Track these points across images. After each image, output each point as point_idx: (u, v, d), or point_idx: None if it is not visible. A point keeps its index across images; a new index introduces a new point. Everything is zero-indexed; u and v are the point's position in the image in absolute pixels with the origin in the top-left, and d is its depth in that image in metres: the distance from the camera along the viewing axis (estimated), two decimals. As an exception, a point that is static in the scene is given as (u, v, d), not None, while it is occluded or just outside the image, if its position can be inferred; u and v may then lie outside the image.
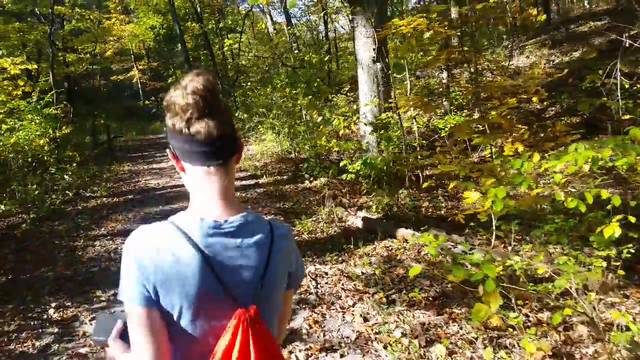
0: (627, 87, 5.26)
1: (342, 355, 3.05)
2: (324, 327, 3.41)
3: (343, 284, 4.10)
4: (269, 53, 20.50)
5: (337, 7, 23.35)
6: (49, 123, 9.76)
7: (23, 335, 3.57)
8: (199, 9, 20.83)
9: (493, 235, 4.62)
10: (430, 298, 3.72)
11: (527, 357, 2.79)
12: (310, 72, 12.12)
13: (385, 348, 3.08)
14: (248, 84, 15.38)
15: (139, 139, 18.74)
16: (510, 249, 4.72)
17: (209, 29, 21.56)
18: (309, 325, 3.43)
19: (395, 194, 6.21)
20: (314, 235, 5.52)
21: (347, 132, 8.29)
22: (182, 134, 1.00)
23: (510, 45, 13.96)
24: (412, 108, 7.01)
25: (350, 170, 6.68)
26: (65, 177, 9.07)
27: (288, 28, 19.71)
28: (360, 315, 3.50)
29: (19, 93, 8.40)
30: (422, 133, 8.43)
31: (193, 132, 0.98)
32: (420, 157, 5.52)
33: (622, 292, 3.53)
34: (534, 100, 5.47)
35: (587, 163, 2.62)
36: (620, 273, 3.26)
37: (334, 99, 12.75)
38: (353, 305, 3.69)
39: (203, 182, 1.04)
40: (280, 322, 1.24)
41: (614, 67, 4.78)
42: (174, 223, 1.02)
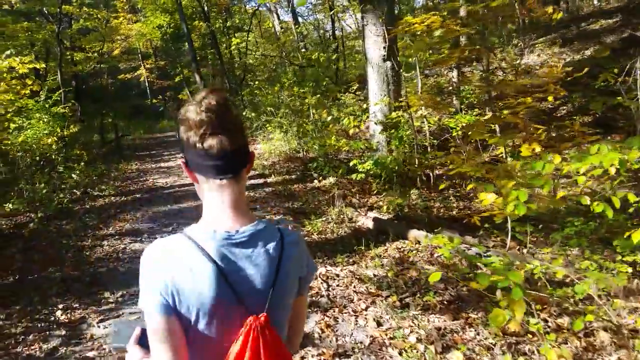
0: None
1: (355, 361, 2.97)
2: (337, 331, 3.33)
3: (355, 287, 4.01)
4: (276, 52, 20.43)
5: (344, 5, 23.26)
6: (57, 122, 9.75)
7: (30, 338, 3.52)
8: (206, 8, 20.80)
9: (508, 237, 4.52)
10: (445, 302, 3.63)
11: (548, 364, 2.69)
12: (319, 70, 12.02)
13: (401, 354, 2.99)
14: (256, 83, 15.32)
15: (147, 138, 18.74)
16: (526, 251, 4.62)
17: (216, 28, 21.53)
18: (321, 330, 3.35)
19: (407, 194, 6.11)
20: (324, 236, 5.44)
21: (356, 131, 8.19)
22: (195, 148, 1.05)
23: (522, 44, 13.79)
24: (423, 107, 6.91)
25: (360, 170, 6.59)
26: (73, 175, 9.04)
27: (295, 27, 19.60)
28: (374, 320, 3.41)
29: (27, 92, 8.37)
30: (432, 132, 8.32)
31: (206, 147, 1.04)
32: (435, 157, 5.42)
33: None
34: (549, 99, 5.34)
35: (613, 165, 2.51)
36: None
37: (342, 98, 12.66)
38: (366, 309, 3.60)
39: (215, 193, 1.09)
40: (296, 326, 1.28)
41: (634, 65, 4.65)
42: (188, 235, 1.07)
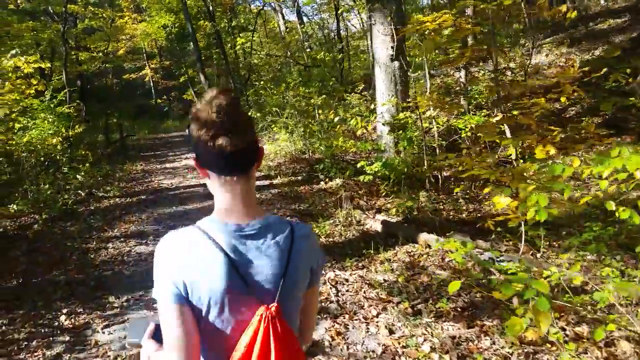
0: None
1: (368, 371, 2.88)
2: (347, 339, 3.23)
3: (365, 292, 3.91)
4: (281, 51, 20.35)
5: (349, 5, 23.17)
6: (62, 122, 9.68)
7: (33, 344, 3.44)
8: (211, 8, 20.73)
9: (522, 242, 4.40)
10: (459, 309, 3.53)
11: (570, 377, 2.59)
12: (325, 70, 11.92)
13: (415, 364, 2.89)
14: (261, 83, 15.23)
15: (151, 138, 18.68)
16: (540, 256, 4.51)
17: (221, 28, 21.47)
18: (332, 337, 3.25)
19: (417, 197, 6.00)
20: (332, 239, 5.34)
21: (364, 132, 8.09)
22: (207, 147, 1.09)
23: (530, 44, 13.64)
24: (431, 108, 6.80)
25: (368, 172, 6.49)
26: (78, 176, 8.98)
27: (301, 27, 19.51)
28: (386, 327, 3.31)
29: (32, 92, 8.30)
30: (439, 133, 8.21)
31: (217, 146, 1.08)
32: (446, 158, 5.30)
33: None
34: (562, 100, 5.22)
35: (639, 169, 2.40)
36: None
37: (348, 98, 12.56)
38: (377, 316, 3.50)
39: (226, 189, 1.14)
40: (307, 318, 1.30)
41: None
42: (200, 228, 1.12)
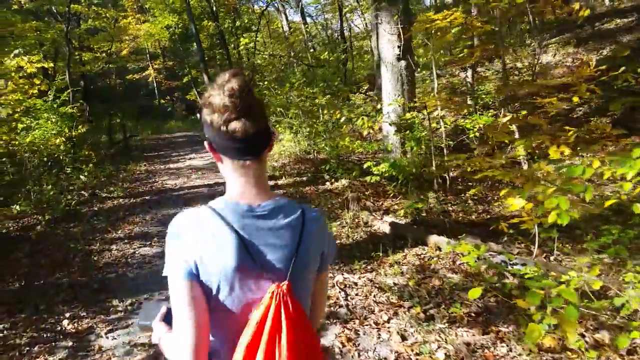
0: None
1: (380, 379, 2.77)
2: (358, 345, 3.13)
3: (375, 296, 3.81)
4: (285, 52, 20.27)
5: (352, 5, 23.11)
6: (65, 122, 9.62)
7: (35, 349, 3.35)
8: (215, 8, 20.68)
9: (536, 245, 4.30)
10: (473, 314, 3.42)
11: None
12: (329, 70, 11.82)
13: (429, 372, 2.79)
14: (264, 83, 15.15)
15: (155, 138, 18.61)
16: (553, 259, 4.40)
17: (225, 28, 21.42)
18: (342, 344, 3.15)
19: (426, 198, 5.90)
20: (339, 241, 5.24)
21: (370, 132, 7.99)
22: (220, 131, 1.09)
23: (536, 43, 13.52)
24: (439, 108, 6.69)
25: (375, 172, 6.38)
26: (81, 177, 8.91)
27: (305, 27, 19.44)
28: (398, 333, 3.21)
29: (35, 92, 8.24)
30: (447, 134, 8.10)
31: (230, 130, 1.08)
32: (456, 159, 5.20)
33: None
34: (575, 100, 5.11)
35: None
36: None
37: (353, 98, 12.45)
38: (388, 321, 3.40)
39: (239, 173, 1.14)
40: (317, 302, 1.31)
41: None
42: (212, 207, 1.13)
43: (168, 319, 1.25)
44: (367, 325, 3.36)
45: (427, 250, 4.68)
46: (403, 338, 3.16)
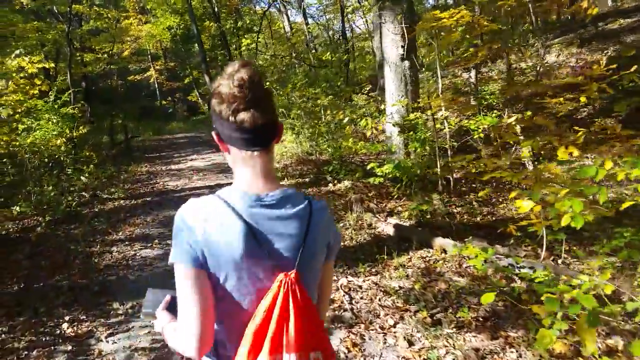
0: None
1: (387, 386, 2.70)
2: (364, 351, 3.06)
3: (380, 300, 3.73)
4: (287, 52, 20.22)
5: (354, 5, 23.07)
6: (66, 122, 9.55)
7: (34, 354, 3.28)
8: (216, 9, 20.64)
9: (543, 248, 4.22)
10: (481, 318, 3.34)
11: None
12: (332, 71, 11.75)
13: (437, 379, 2.72)
14: (266, 84, 15.08)
15: (156, 139, 18.55)
16: (560, 262, 4.32)
17: (227, 29, 21.37)
18: (347, 349, 3.08)
19: (431, 200, 5.82)
20: (343, 243, 5.16)
21: (374, 133, 7.92)
22: (228, 121, 1.08)
23: (539, 44, 13.45)
24: (443, 108, 6.62)
25: (379, 174, 6.31)
26: (82, 178, 8.84)
27: (307, 27, 19.39)
28: (404, 338, 3.13)
29: (36, 92, 8.18)
30: (450, 135, 8.03)
31: (239, 120, 1.07)
32: (463, 160, 5.13)
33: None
34: (582, 100, 5.03)
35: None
36: None
37: (355, 99, 12.39)
38: (394, 326, 3.32)
39: (246, 163, 1.13)
40: (323, 292, 1.30)
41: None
42: (220, 196, 1.12)
43: (172, 308, 1.29)
44: (372, 330, 3.29)
45: (432, 253, 4.61)
46: (410, 343, 3.09)
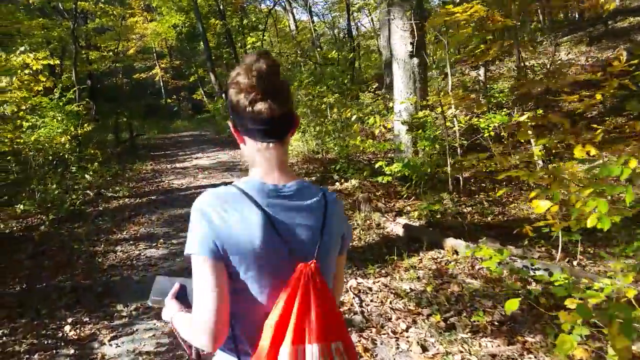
0: None
1: (401, 394, 2.59)
2: (376, 356, 2.94)
3: (391, 303, 3.62)
4: (292, 50, 20.11)
5: (361, 3, 22.93)
6: (71, 120, 9.48)
7: (35, 357, 3.18)
8: (222, 7, 20.56)
9: (559, 249, 4.10)
10: (496, 322, 3.22)
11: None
12: (339, 69, 11.62)
13: (454, 387, 2.60)
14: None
15: (161, 138, 18.49)
16: (576, 264, 4.19)
17: (232, 26, 21.29)
18: (358, 354, 2.96)
19: (441, 199, 5.70)
20: (351, 243, 5.04)
21: (382, 131, 7.79)
22: (245, 112, 1.08)
23: (550, 41, 13.29)
24: (453, 106, 6.50)
25: (387, 173, 6.18)
26: (87, 176, 8.76)
27: (313, 25, 19.26)
28: (418, 343, 3.01)
29: (40, 89, 8.10)
30: (460, 133, 7.90)
31: (256, 111, 1.06)
32: (477, 159, 5.01)
33: None
34: (598, 98, 4.89)
35: None
36: None
37: (362, 97, 12.26)
38: (407, 330, 3.21)
39: (262, 154, 1.13)
40: (336, 284, 1.30)
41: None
42: (237, 186, 1.11)
43: (181, 296, 1.29)
44: (384, 334, 3.17)
45: (443, 254, 4.48)
46: (424, 349, 2.97)
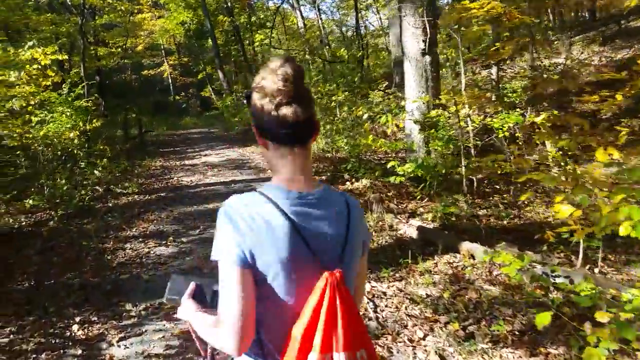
0: None
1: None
2: (393, 365, 2.85)
3: (407, 309, 3.52)
4: (301, 48, 20.01)
5: (368, 2, 22.80)
6: (80, 116, 9.43)
7: (43, 357, 3.11)
8: (230, 4, 20.49)
9: (580, 256, 3.97)
10: (517, 332, 3.11)
11: None
12: (349, 67, 11.51)
13: (475, 399, 2.50)
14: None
15: (170, 134, 18.46)
16: (598, 271, 4.07)
17: (240, 23, 21.22)
18: (375, 362, 2.86)
19: (456, 201, 5.58)
20: (363, 245, 4.95)
21: (395, 130, 7.67)
22: (270, 116, 1.08)
23: (562, 41, 13.11)
24: (466, 106, 6.38)
25: (400, 173, 6.07)
26: (96, 172, 8.71)
27: (322, 21, 19.16)
28: (436, 353, 2.91)
29: (49, 84, 8.04)
30: (474, 133, 7.77)
31: (281, 115, 1.07)
32: (494, 160, 4.89)
33: None
34: (619, 99, 4.76)
35: None
36: None
37: (372, 96, 12.14)
38: (424, 338, 3.10)
39: (286, 160, 1.13)
40: (358, 288, 1.30)
41: None
42: (262, 193, 1.11)
43: (197, 296, 1.30)
44: (400, 342, 3.07)
45: (459, 258, 4.37)
46: (442, 358, 2.87)
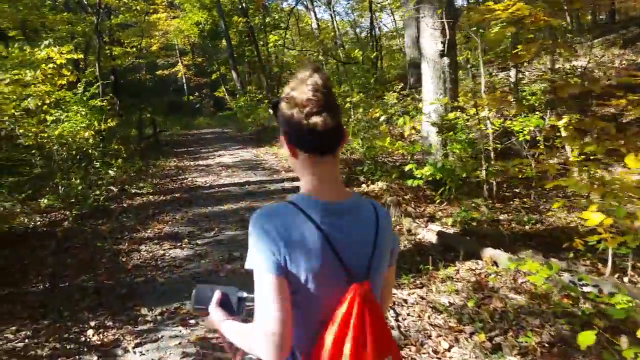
0: None
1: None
2: (418, 377, 2.74)
3: (430, 318, 3.40)
4: (315, 49, 19.96)
5: (382, 3, 22.66)
6: (95, 115, 9.42)
7: (58, 363, 3.07)
8: (244, 5, 20.50)
9: (609, 263, 3.82)
10: (546, 344, 2.98)
11: None
12: (364, 68, 11.40)
13: (506, 417, 2.38)
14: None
15: (184, 134, 18.49)
16: (627, 280, 3.92)
17: (255, 24, 21.22)
18: (398, 374, 2.76)
19: (477, 206, 5.45)
20: (381, 250, 4.84)
21: (412, 132, 7.55)
22: (300, 125, 1.10)
23: (582, 43, 12.87)
24: (487, 108, 6.23)
25: (418, 176, 5.95)
26: (110, 171, 8.70)
27: (336, 22, 19.10)
28: (462, 365, 2.80)
29: (64, 83, 8.04)
30: (493, 136, 7.61)
31: (311, 124, 1.09)
32: (520, 164, 4.76)
33: None
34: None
35: None
36: None
37: (387, 97, 12.02)
38: (449, 349, 2.99)
39: (316, 168, 1.15)
40: (385, 296, 1.33)
41: None
42: (293, 203, 1.12)
43: (224, 305, 1.31)
44: (424, 354, 2.96)
45: (482, 265, 4.24)
46: (469, 371, 2.75)
